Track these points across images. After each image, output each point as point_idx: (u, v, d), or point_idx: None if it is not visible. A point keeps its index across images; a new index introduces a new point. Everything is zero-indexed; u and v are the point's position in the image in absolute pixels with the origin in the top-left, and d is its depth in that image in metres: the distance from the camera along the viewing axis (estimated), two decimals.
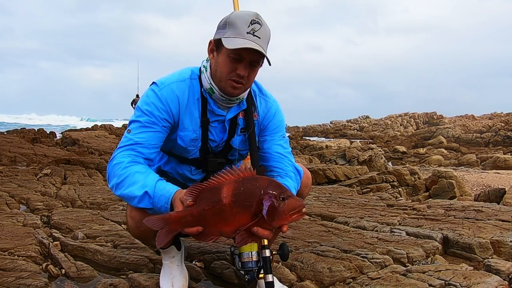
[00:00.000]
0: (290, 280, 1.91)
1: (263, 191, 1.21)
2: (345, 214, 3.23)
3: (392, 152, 18.03)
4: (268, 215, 1.19)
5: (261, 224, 1.21)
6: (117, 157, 1.50)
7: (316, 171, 6.61)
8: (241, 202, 1.20)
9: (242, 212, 1.21)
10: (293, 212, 1.20)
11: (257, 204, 1.20)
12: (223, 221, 1.21)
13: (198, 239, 1.26)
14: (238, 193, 1.21)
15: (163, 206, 1.39)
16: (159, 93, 1.60)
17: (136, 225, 1.56)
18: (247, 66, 1.51)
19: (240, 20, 1.47)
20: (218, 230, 1.23)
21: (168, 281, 1.78)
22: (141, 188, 1.41)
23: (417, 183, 6.68)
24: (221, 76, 1.55)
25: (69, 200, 4.16)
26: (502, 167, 12.81)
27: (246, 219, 1.21)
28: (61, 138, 15.21)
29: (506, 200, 5.12)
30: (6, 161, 8.20)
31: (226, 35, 1.48)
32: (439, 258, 2.18)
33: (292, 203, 1.21)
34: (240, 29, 1.46)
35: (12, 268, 2.00)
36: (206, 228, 1.23)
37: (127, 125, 1.63)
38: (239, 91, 1.58)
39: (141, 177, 1.43)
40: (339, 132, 43.02)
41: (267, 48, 1.53)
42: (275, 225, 1.21)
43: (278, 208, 1.19)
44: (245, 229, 1.21)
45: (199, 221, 1.22)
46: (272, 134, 1.77)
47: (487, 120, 38.78)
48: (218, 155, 1.75)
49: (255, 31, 1.46)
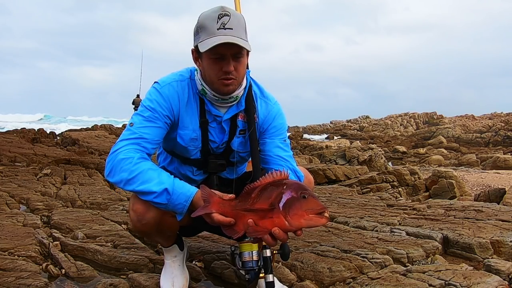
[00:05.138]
0: (290, 280, 1.91)
1: (286, 186, 1.25)
2: (345, 214, 3.23)
3: (392, 152, 18.02)
4: (284, 208, 1.21)
5: (279, 221, 1.22)
6: (123, 151, 1.50)
7: (316, 171, 6.61)
8: (264, 194, 1.27)
9: (261, 202, 1.26)
10: (311, 211, 1.19)
11: (276, 197, 1.24)
12: (243, 208, 1.29)
13: (227, 232, 1.34)
14: (264, 188, 1.29)
15: (180, 204, 1.43)
16: (161, 91, 1.62)
17: (138, 218, 1.57)
18: (230, 61, 1.51)
19: (208, 19, 1.49)
20: (243, 222, 1.29)
21: (169, 281, 1.79)
22: (159, 185, 1.43)
23: (417, 183, 6.68)
24: (211, 79, 1.56)
25: (69, 200, 4.16)
26: (502, 167, 12.81)
27: (262, 207, 1.25)
28: (61, 138, 15.21)
29: (506, 200, 5.12)
30: (6, 161, 8.20)
31: (201, 40, 1.50)
32: (439, 258, 2.18)
33: (311, 202, 1.21)
34: (210, 28, 1.47)
35: (12, 268, 2.00)
36: (236, 220, 1.32)
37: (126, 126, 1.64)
38: (233, 86, 1.58)
39: (155, 174, 1.45)
40: (339, 132, 43.01)
41: (246, 35, 1.53)
42: (292, 222, 1.20)
43: (295, 202, 1.20)
44: (260, 219, 1.25)
45: (233, 212, 1.32)
46: (272, 137, 1.73)
47: (487, 120, 38.77)
48: (219, 157, 1.74)
49: (225, 24, 1.46)
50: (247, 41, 1.51)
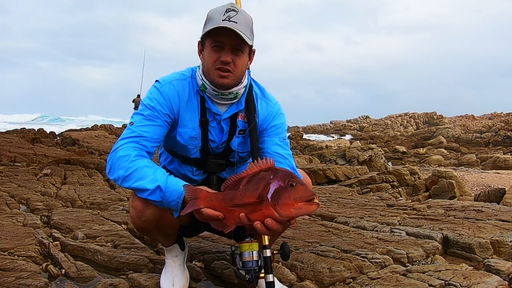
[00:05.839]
0: (290, 280, 1.91)
1: (273, 176, 1.23)
2: (345, 214, 3.23)
3: (392, 152, 18.03)
4: (273, 198, 1.19)
5: (269, 212, 1.20)
6: (122, 149, 1.52)
7: (316, 171, 6.61)
8: (250, 186, 1.25)
9: (249, 195, 1.24)
10: (300, 199, 1.18)
11: (263, 188, 1.22)
12: (232, 204, 1.27)
13: (217, 227, 1.32)
14: (251, 180, 1.27)
15: (174, 201, 1.44)
16: (161, 90, 1.64)
17: (137, 215, 1.58)
18: (229, 51, 1.54)
19: (216, 12, 1.54)
20: (232, 215, 1.28)
21: (169, 280, 1.79)
22: (153, 182, 1.44)
23: (417, 183, 6.69)
24: (208, 68, 1.59)
25: (69, 200, 4.16)
26: (502, 167, 12.82)
27: (251, 201, 1.24)
28: (61, 138, 15.22)
29: (506, 200, 5.12)
30: (6, 161, 8.20)
31: (205, 29, 1.54)
32: (439, 258, 2.18)
33: (299, 189, 1.20)
34: (216, 19, 1.52)
35: (12, 268, 2.00)
36: (226, 214, 1.30)
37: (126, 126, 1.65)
38: (228, 80, 1.59)
39: (150, 171, 1.46)
40: (339, 132, 43.02)
41: (250, 34, 1.56)
42: (282, 213, 1.20)
43: (283, 192, 1.19)
44: (250, 212, 1.23)
45: (222, 206, 1.30)
46: (272, 135, 1.74)
47: (487, 120, 38.77)
48: (218, 157, 1.75)
49: (230, 17, 1.51)
50: (250, 39, 1.54)
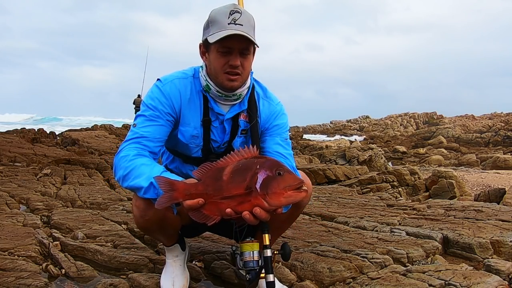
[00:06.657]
0: (290, 280, 1.91)
1: (259, 166, 1.22)
2: (345, 214, 3.23)
3: (392, 152, 18.03)
4: (262, 189, 1.19)
5: (259, 202, 1.19)
6: (123, 150, 1.54)
7: (316, 171, 6.61)
8: (236, 177, 1.23)
9: (236, 186, 1.22)
10: (289, 188, 1.18)
11: (251, 178, 1.20)
12: (220, 197, 1.24)
13: (200, 219, 1.28)
14: (236, 170, 1.24)
15: None
16: (163, 88, 1.64)
17: (140, 214, 1.58)
18: (238, 55, 1.54)
19: (220, 14, 1.52)
20: (218, 208, 1.25)
21: (169, 280, 1.79)
22: (147, 180, 1.44)
23: (417, 183, 6.68)
24: (216, 72, 1.58)
25: (69, 200, 4.16)
26: (502, 167, 12.82)
27: (239, 193, 1.22)
28: (61, 138, 15.21)
29: (506, 200, 5.12)
30: (6, 161, 8.20)
31: (211, 33, 1.53)
32: (439, 258, 2.18)
33: (287, 178, 1.19)
34: (221, 23, 1.50)
35: (12, 268, 2.00)
36: (207, 205, 1.26)
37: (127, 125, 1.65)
38: (237, 83, 1.59)
39: (146, 169, 1.46)
40: (339, 132, 43.02)
41: (254, 34, 1.56)
42: (272, 202, 1.19)
43: (272, 181, 1.18)
44: (239, 204, 1.21)
45: (202, 197, 1.26)
46: (274, 135, 1.75)
47: (487, 120, 38.78)
48: (220, 156, 1.75)
49: (236, 20, 1.50)
50: (255, 40, 1.55)
